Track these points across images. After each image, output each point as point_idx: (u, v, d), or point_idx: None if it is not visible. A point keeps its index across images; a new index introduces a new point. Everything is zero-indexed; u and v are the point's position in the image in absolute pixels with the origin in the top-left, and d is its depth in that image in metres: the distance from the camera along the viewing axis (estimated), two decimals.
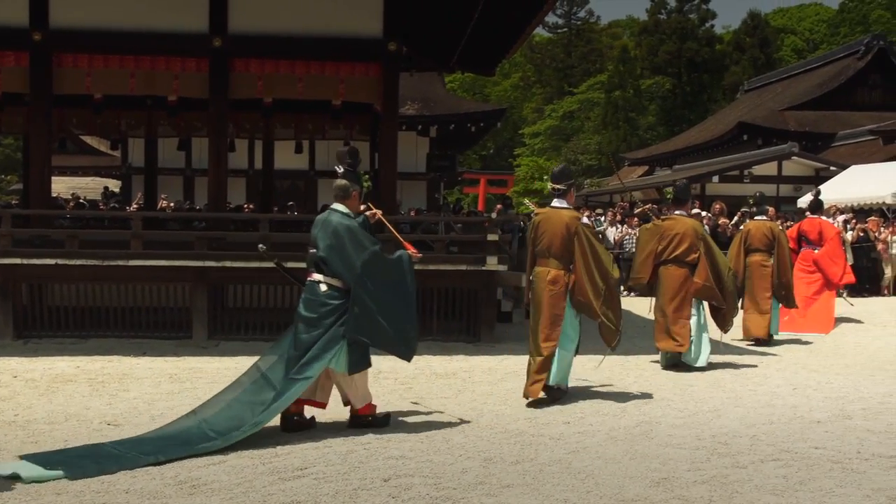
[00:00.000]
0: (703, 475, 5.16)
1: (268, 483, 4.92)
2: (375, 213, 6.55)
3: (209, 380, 8.09)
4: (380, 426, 6.24)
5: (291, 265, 10.08)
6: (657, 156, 40.90)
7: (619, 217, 19.77)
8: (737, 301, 9.99)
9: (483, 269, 10.46)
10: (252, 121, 14.92)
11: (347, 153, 6.52)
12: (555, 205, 7.65)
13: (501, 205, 17.49)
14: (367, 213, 6.47)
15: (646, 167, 42.03)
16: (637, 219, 19.05)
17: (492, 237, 10.57)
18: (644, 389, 7.94)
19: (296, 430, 6.10)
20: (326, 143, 19.62)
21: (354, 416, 6.30)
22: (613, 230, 18.91)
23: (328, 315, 6.07)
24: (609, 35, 67.81)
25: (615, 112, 51.00)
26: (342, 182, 6.31)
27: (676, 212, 9.58)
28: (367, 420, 6.25)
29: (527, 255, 7.80)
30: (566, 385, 7.60)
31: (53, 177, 12.32)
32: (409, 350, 6.33)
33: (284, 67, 10.99)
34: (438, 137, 25.73)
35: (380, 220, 6.57)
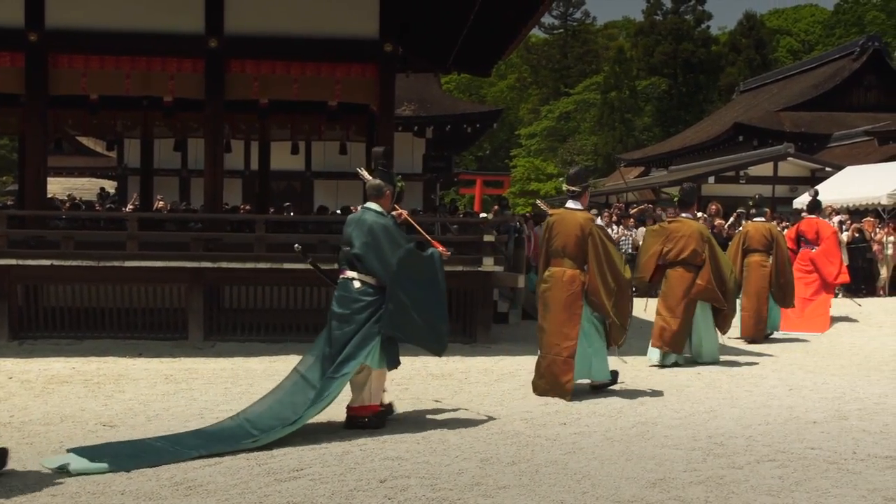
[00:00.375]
0: (700, 476, 5.17)
1: (264, 484, 4.92)
2: (402, 214, 6.70)
3: (205, 381, 8.08)
4: (374, 427, 6.25)
5: (289, 266, 10.17)
6: (653, 157, 40.94)
7: (616, 218, 19.79)
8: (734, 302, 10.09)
9: (479, 270, 10.47)
10: (248, 122, 14.92)
11: (382, 153, 6.69)
12: (569, 206, 7.86)
13: (498, 205, 17.48)
14: (394, 214, 6.58)
15: (642, 168, 42.07)
16: (633, 219, 19.09)
17: (488, 238, 10.57)
18: (640, 390, 7.94)
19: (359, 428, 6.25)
20: (323, 144, 19.64)
21: (352, 417, 6.34)
22: (609, 231, 18.89)
23: (361, 311, 6.18)
24: (605, 36, 67.93)
25: (611, 113, 51.09)
26: (376, 182, 6.45)
27: (683, 214, 9.74)
28: (364, 421, 6.29)
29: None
30: (609, 375, 7.90)
31: (49, 178, 12.31)
32: (442, 345, 6.49)
33: (280, 68, 10.99)
34: (435, 138, 25.75)
35: (406, 221, 6.72)
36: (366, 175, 6.62)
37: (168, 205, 19.11)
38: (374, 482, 4.96)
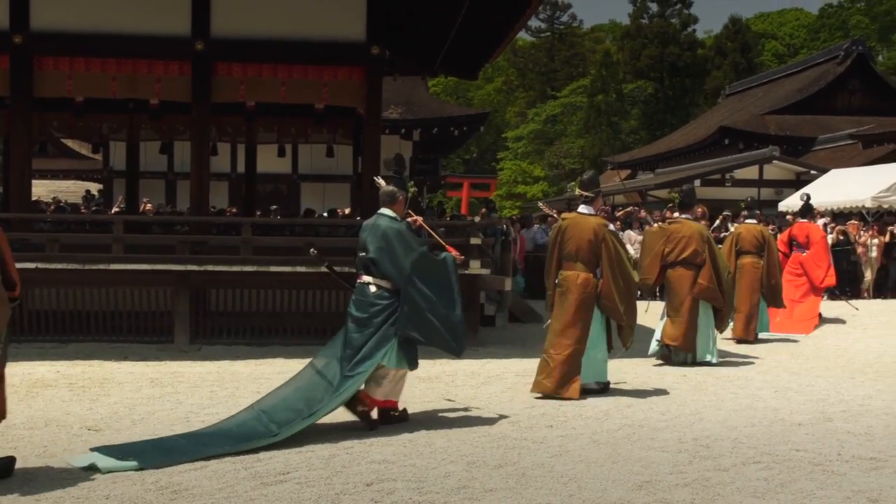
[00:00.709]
0: (686, 478, 5.18)
1: (250, 488, 4.90)
2: (417, 220, 6.88)
3: (191, 384, 8.05)
4: (402, 421, 6.54)
5: (275, 269, 10.15)
6: (640, 159, 41.05)
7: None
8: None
9: (466, 273, 10.46)
10: (235, 124, 14.89)
11: (394, 160, 6.83)
12: (582, 211, 8.04)
13: (485, 208, 17.50)
14: (409, 220, 6.75)
15: (628, 171, 42.18)
16: (619, 222, 19.12)
17: (475, 241, 10.58)
18: (626, 393, 7.96)
19: (389, 423, 6.47)
20: (309, 147, 19.60)
21: (381, 411, 6.57)
22: None
23: (378, 314, 6.36)
24: (592, 39, 68.05)
25: (598, 116, 51.15)
26: (389, 188, 6.63)
27: (683, 216, 10.05)
28: (391, 414, 6.57)
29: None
30: (606, 378, 8.04)
31: (34, 180, 12.26)
32: (460, 345, 6.60)
33: (267, 71, 10.97)
34: (422, 141, 25.72)
35: (420, 226, 6.90)
36: (382, 184, 6.83)
37: (155, 207, 19.04)
38: (361, 486, 4.95)
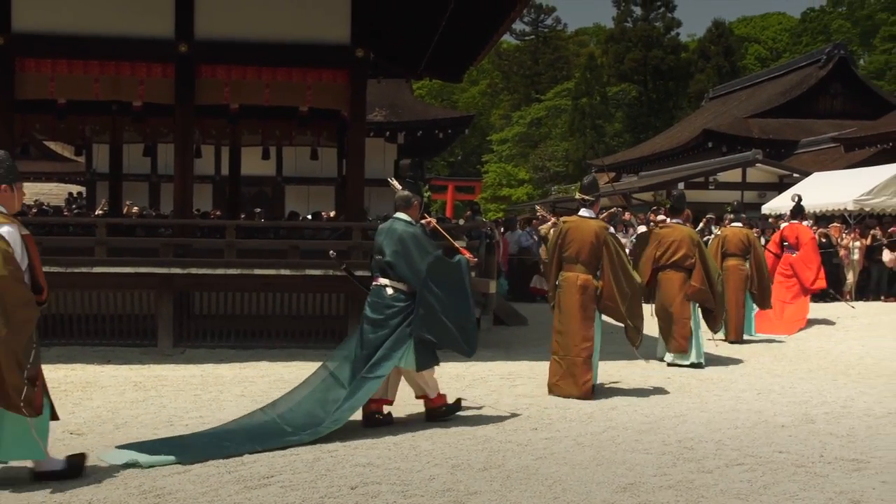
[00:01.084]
0: (669, 480, 5.20)
1: (234, 492, 4.89)
2: (430, 221, 7.06)
3: (174, 388, 8.02)
4: (454, 412, 6.76)
5: (259, 272, 10.12)
6: (623, 162, 41.17)
7: None
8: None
9: None
10: (219, 127, 14.81)
11: (410, 166, 6.90)
12: (582, 214, 8.23)
13: (470, 211, 17.53)
14: (423, 222, 6.90)
15: (613, 174, 42.29)
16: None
17: (459, 244, 10.55)
18: (610, 395, 7.98)
19: (376, 426, 6.51)
20: (294, 150, 19.53)
21: (430, 409, 6.73)
22: None
23: (394, 316, 6.51)
24: (576, 42, 68.24)
25: (582, 119, 51.29)
26: (405, 193, 6.80)
27: (673, 220, 10.27)
28: (442, 410, 6.71)
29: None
30: (595, 382, 8.10)
31: None
32: (472, 346, 6.76)
33: (251, 73, 10.92)
34: (406, 144, 25.70)
35: (434, 229, 7.05)
36: (395, 184, 6.97)
37: (141, 210, 18.94)
38: (345, 489, 4.95)
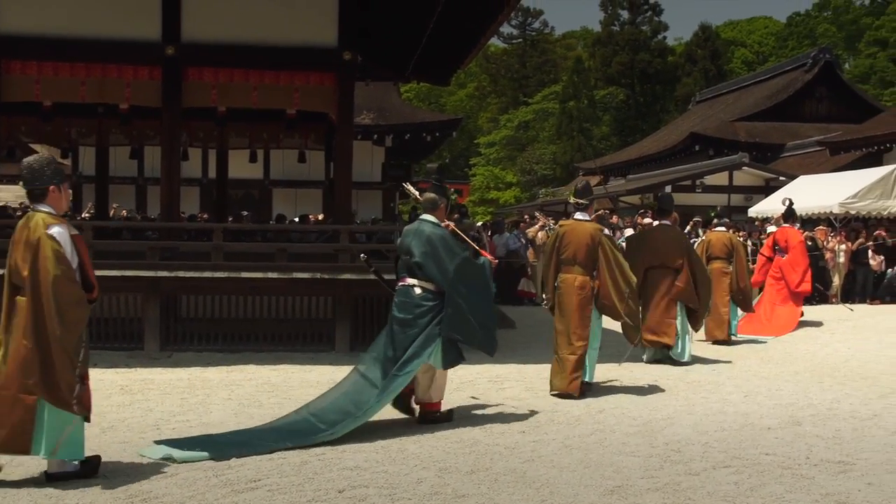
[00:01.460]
0: (657, 482, 5.21)
1: (220, 496, 4.87)
2: (449, 226, 7.13)
3: (161, 391, 7.98)
4: (445, 421, 6.78)
5: (247, 275, 10.09)
6: (611, 166, 41.28)
7: None
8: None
9: None
10: (206, 129, 14.76)
11: (437, 169, 7.00)
12: (578, 217, 8.46)
13: (458, 214, 17.52)
14: (441, 225, 7.00)
15: (600, 177, 42.40)
16: None
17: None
18: (597, 398, 8.00)
19: (407, 411, 6.83)
20: (281, 153, 19.53)
21: (426, 412, 6.79)
22: None
23: (423, 315, 6.63)
24: (563, 46, 68.44)
25: (569, 122, 51.42)
26: (432, 195, 6.96)
27: (662, 222, 10.50)
28: (436, 415, 6.79)
29: (549, 263, 8.32)
30: (591, 380, 8.37)
31: (1, 185, 12.08)
32: (494, 346, 6.94)
33: (238, 76, 10.89)
34: (394, 147, 25.72)
35: (453, 231, 7.13)
36: (411, 188, 7.13)
37: (126, 212, 18.86)
38: (333, 492, 4.94)
